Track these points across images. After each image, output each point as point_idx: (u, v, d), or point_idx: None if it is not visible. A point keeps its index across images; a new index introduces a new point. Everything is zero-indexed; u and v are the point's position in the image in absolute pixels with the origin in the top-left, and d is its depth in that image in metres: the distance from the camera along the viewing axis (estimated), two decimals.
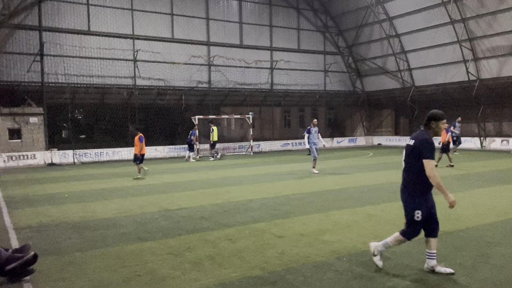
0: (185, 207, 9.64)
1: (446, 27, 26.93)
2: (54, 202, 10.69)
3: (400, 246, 6.15)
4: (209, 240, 6.84)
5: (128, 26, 25.93)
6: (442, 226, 7.31)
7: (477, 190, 11.25)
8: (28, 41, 23.10)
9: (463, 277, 4.97)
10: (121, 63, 25.70)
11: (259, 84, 30.85)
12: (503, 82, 25.96)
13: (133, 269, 5.52)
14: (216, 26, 29.07)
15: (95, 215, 8.99)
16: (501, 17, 24.37)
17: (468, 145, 28.06)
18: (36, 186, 13.85)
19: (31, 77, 23.16)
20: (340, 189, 11.68)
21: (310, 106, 36.75)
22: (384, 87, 33.63)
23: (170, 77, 27.15)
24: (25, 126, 22.36)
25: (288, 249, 6.24)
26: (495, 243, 6.33)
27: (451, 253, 5.88)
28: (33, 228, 7.95)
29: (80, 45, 24.47)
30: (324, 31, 34.01)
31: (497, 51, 25.46)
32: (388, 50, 31.31)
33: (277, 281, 5.00)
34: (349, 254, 5.93)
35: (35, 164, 21.90)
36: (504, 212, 8.43)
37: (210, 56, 28.43)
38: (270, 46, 31.33)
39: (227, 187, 12.47)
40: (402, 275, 5.09)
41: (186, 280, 5.10)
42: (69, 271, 5.48)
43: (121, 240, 6.97)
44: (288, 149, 30.59)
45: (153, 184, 13.71)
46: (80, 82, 24.56)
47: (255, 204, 9.85)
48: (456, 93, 29.37)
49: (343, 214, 8.47)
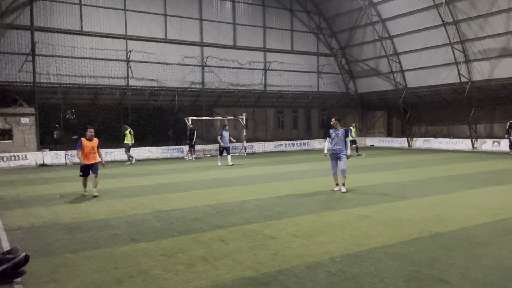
0: (178, 208, 9.62)
1: (438, 29, 27.13)
2: (46, 203, 10.61)
3: (392, 247, 6.20)
4: (202, 241, 6.83)
5: (121, 26, 25.81)
6: (434, 227, 7.39)
7: (468, 191, 11.34)
8: (19, 41, 22.89)
9: (455, 278, 5.00)
10: (114, 63, 25.57)
11: (253, 85, 30.85)
12: (494, 84, 26.19)
13: (125, 270, 5.50)
14: (210, 27, 29.03)
15: (87, 216, 8.94)
16: (492, 20, 24.60)
17: (459, 147, 28.30)
18: (28, 187, 13.73)
19: (23, 77, 22.95)
20: (334, 190, 11.71)
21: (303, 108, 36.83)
22: (376, 88, 33.79)
23: (163, 77, 27.07)
24: (17, 127, 22.17)
25: (281, 250, 6.24)
26: (487, 243, 6.38)
27: (442, 253, 5.92)
28: (24, 230, 7.88)
29: (72, 45, 24.30)
30: (318, 32, 34.12)
31: (489, 53, 25.69)
32: (380, 51, 31.46)
33: (270, 282, 5.00)
34: (342, 255, 5.95)
35: (27, 164, 21.72)
36: (495, 213, 8.50)
37: (203, 57, 28.39)
38: (264, 47, 31.35)
39: (220, 188, 12.45)
40: (394, 276, 5.11)
41: (178, 281, 5.08)
42: (61, 273, 5.44)
43: (113, 241, 6.93)
44: (281, 150, 30.62)
45: (146, 185, 13.65)
46: (72, 83, 24.38)
47: (248, 205, 9.84)
48: (448, 95, 29.60)
49: (336, 215, 8.49)
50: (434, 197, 10.40)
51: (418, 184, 12.66)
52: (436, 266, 5.41)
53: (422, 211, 8.76)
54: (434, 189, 11.61)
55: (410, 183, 13.04)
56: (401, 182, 13.25)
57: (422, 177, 14.38)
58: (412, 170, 16.55)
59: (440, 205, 9.44)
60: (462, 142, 28.45)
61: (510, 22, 23.93)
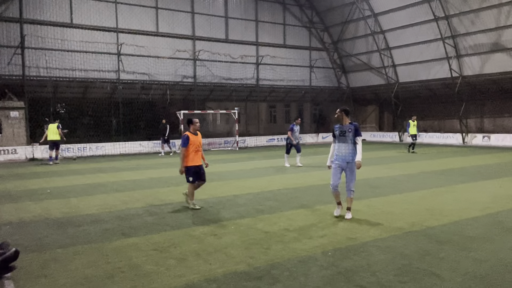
0: (170, 203, 9.57)
1: (430, 24, 27.23)
2: (36, 198, 10.50)
3: (384, 241, 6.23)
4: (194, 235, 6.80)
5: (112, 19, 25.53)
6: (425, 221, 7.44)
7: (459, 185, 11.43)
8: (8, 34, 22.54)
9: (446, 271, 5.03)
10: (105, 56, 25.30)
11: (245, 79, 30.76)
12: (484, 79, 26.40)
13: (117, 265, 5.46)
14: (202, 20, 28.83)
15: (78, 211, 8.86)
16: (483, 15, 24.74)
17: (450, 141, 28.53)
18: (17, 182, 13.58)
19: (12, 70, 22.63)
20: (326, 184, 11.71)
21: (296, 102, 36.83)
22: (368, 83, 33.90)
23: (155, 71, 26.87)
24: (6, 120, 21.89)
25: (273, 244, 6.24)
26: (477, 237, 6.43)
27: (434, 247, 5.96)
28: (14, 224, 7.79)
29: (62, 38, 23.99)
30: (310, 26, 34.06)
31: (479, 48, 25.85)
32: (373, 46, 31.51)
33: (262, 276, 5.00)
34: (334, 248, 5.96)
35: (16, 159, 21.48)
36: (486, 206, 8.58)
37: (195, 51, 28.21)
38: (256, 41, 31.24)
39: (212, 182, 12.40)
40: (385, 269, 5.13)
41: (171, 276, 5.06)
42: (51, 268, 5.39)
43: (105, 236, 6.88)
44: (273, 145, 30.63)
45: (137, 180, 13.57)
46: (63, 76, 24.10)
47: (241, 199, 9.83)
48: (439, 90, 29.79)
49: (328, 209, 8.51)
50: (425, 191, 10.47)
51: (410, 179, 12.73)
52: (427, 259, 5.45)
53: (413, 205, 8.82)
54: (425, 183, 11.68)
55: (401, 177, 13.11)
56: (392, 176, 13.32)
57: (413, 171, 14.48)
58: (403, 165, 16.65)
59: (431, 199, 9.50)
60: (452, 137, 28.69)
61: (501, 17, 24.09)
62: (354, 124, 7.62)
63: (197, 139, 8.83)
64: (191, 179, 8.77)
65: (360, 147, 7.49)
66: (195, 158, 8.76)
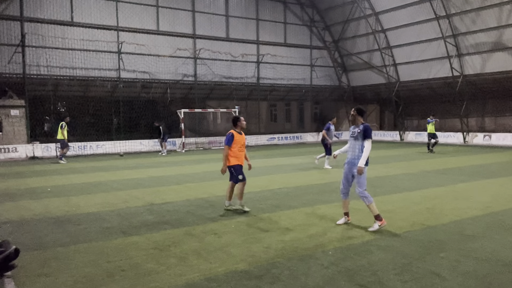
0: (170, 201, 9.57)
1: (431, 23, 27.17)
2: (36, 196, 10.50)
3: (384, 240, 6.22)
4: (194, 234, 6.80)
5: (113, 17, 25.50)
6: (426, 220, 7.43)
7: (460, 184, 11.42)
8: (9, 32, 22.52)
9: (446, 271, 5.03)
10: (105, 55, 25.28)
11: (246, 78, 30.73)
12: (485, 78, 26.35)
13: (117, 264, 5.46)
14: (202, 18, 28.80)
15: (78, 210, 8.86)
16: (484, 14, 24.69)
17: (451, 140, 28.51)
18: (18, 180, 13.59)
19: (12, 69, 22.62)
20: (326, 183, 11.72)
21: (296, 101, 36.80)
22: (369, 82, 33.85)
23: (155, 70, 26.85)
24: (6, 119, 21.89)
25: (273, 243, 6.24)
26: (478, 236, 6.42)
27: (434, 246, 5.95)
28: (15, 223, 7.79)
29: (63, 36, 23.97)
30: (311, 25, 34.02)
31: (480, 47, 25.81)
32: (374, 45, 31.46)
33: (263, 275, 4.99)
34: (334, 247, 5.96)
35: (17, 157, 21.49)
36: (486, 206, 8.57)
37: (196, 49, 28.18)
38: (257, 40, 31.20)
39: (213, 181, 12.40)
40: (386, 269, 5.13)
41: (171, 274, 5.06)
42: (52, 266, 5.39)
43: (105, 234, 6.88)
44: (274, 143, 30.62)
45: (138, 178, 13.57)
46: (63, 74, 24.09)
47: None
48: (440, 89, 29.73)
49: (329, 208, 8.50)
50: (426, 190, 10.46)
51: (410, 178, 12.72)
52: (428, 259, 5.44)
53: (414, 204, 8.81)
54: (426, 183, 11.67)
55: (402, 176, 13.10)
56: (393, 175, 13.31)
57: (414, 170, 14.46)
58: (404, 164, 16.64)
59: (431, 198, 9.49)
60: (453, 136, 28.67)
61: (502, 16, 24.05)
62: (364, 125, 7.05)
63: (242, 138, 8.47)
64: (241, 177, 8.37)
65: (367, 151, 6.78)
66: (240, 157, 8.45)
